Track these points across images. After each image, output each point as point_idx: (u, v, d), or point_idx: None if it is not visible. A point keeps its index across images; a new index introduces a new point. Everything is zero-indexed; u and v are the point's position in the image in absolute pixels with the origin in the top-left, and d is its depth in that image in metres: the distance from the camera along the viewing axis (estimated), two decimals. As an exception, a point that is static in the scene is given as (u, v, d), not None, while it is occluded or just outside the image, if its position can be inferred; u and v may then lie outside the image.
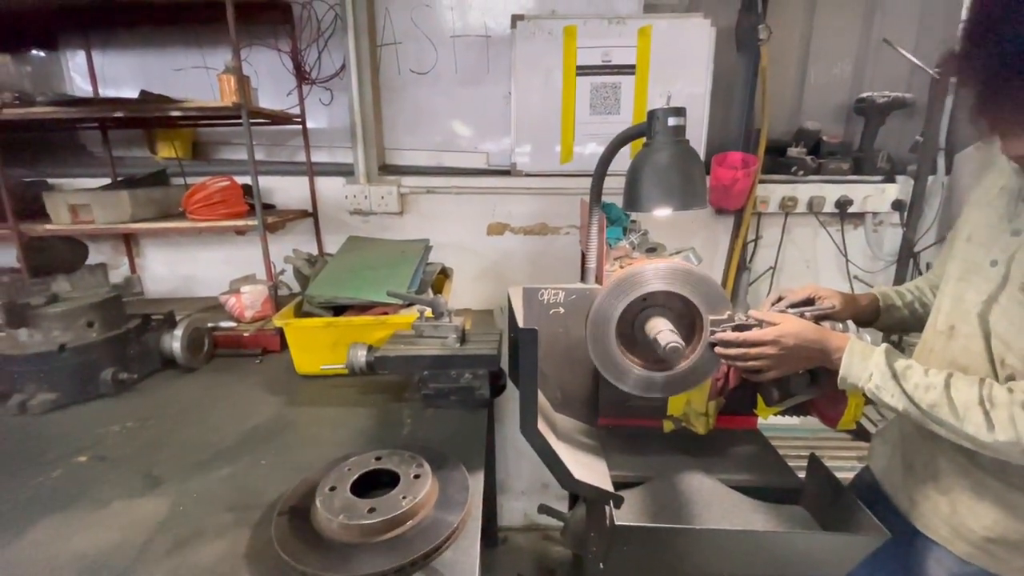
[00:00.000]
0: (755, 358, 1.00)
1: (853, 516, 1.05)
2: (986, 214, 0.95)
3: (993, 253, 0.89)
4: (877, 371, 0.88)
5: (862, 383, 0.91)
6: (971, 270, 0.93)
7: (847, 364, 0.93)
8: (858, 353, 0.92)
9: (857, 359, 0.92)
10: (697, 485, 1.22)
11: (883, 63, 2.07)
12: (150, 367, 1.55)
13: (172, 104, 1.50)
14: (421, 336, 1.33)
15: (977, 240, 0.94)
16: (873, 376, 0.89)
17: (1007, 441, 0.77)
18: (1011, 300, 0.83)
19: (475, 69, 2.07)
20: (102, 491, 1.02)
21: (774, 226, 2.13)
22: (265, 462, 1.10)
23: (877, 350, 0.90)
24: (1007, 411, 0.77)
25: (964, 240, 0.98)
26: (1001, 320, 0.85)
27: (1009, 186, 0.92)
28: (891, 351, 0.90)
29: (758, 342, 0.99)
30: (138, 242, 2.16)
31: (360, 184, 2.05)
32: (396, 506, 0.84)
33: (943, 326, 0.97)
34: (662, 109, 1.01)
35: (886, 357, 0.89)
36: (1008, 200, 0.91)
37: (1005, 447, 0.78)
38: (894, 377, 0.87)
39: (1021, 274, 0.82)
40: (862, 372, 0.90)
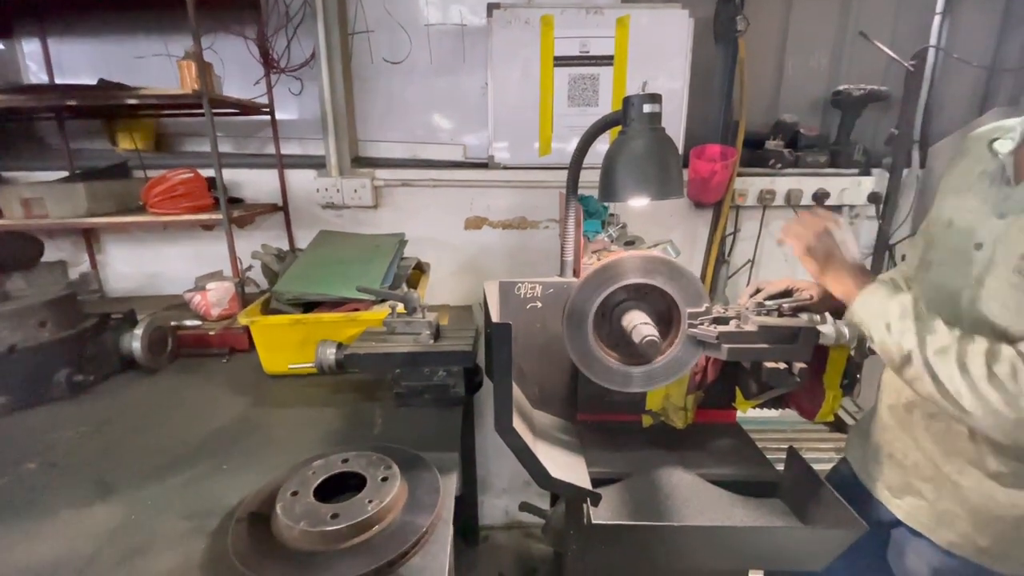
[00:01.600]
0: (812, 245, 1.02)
1: (831, 509, 1.04)
2: (966, 199, 0.94)
3: (978, 236, 0.88)
4: (899, 308, 0.87)
5: (872, 318, 0.89)
6: (955, 253, 0.92)
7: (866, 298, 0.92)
8: (884, 291, 0.91)
9: (882, 294, 0.90)
10: (676, 481, 1.21)
11: (859, 55, 2.08)
12: (108, 369, 1.47)
13: (129, 92, 1.42)
14: (393, 333, 1.29)
15: (959, 225, 0.94)
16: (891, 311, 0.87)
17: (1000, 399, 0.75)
18: (1001, 282, 0.82)
19: (451, 59, 2.02)
20: (51, 500, 0.96)
21: (752, 219, 2.13)
22: (227, 467, 1.05)
23: (906, 294, 0.90)
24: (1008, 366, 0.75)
25: (944, 227, 0.97)
26: (992, 306, 0.84)
27: (989, 170, 0.91)
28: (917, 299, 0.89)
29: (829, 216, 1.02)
30: (99, 238, 2.07)
31: (332, 177, 1.99)
32: (361, 511, 0.80)
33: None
34: (637, 96, 0.98)
35: (913, 300, 0.88)
36: (990, 184, 0.90)
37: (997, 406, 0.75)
38: (917, 318, 0.85)
39: (1011, 256, 0.81)
40: (880, 308, 0.89)
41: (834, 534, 1.01)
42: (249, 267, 1.78)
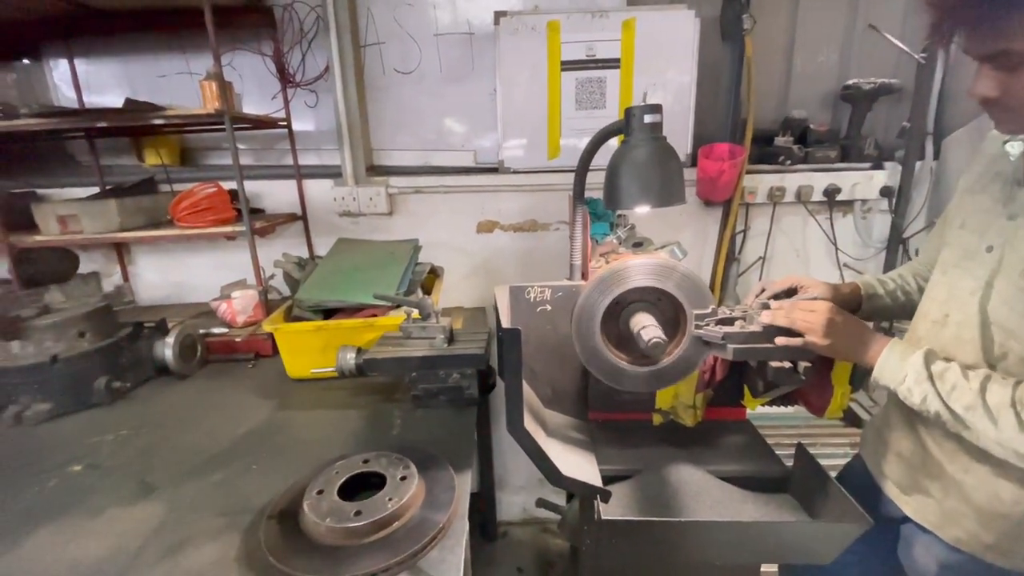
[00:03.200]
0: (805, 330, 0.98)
1: (838, 503, 1.07)
2: (979, 200, 0.95)
3: (988, 239, 0.89)
4: (912, 371, 0.87)
5: (895, 384, 0.90)
6: (966, 256, 0.93)
7: (883, 364, 0.91)
8: (897, 353, 0.90)
9: (895, 359, 0.90)
10: (686, 477, 1.24)
11: (869, 49, 2.06)
12: (143, 375, 1.56)
13: (154, 113, 1.50)
14: (409, 338, 1.34)
15: (971, 226, 0.94)
16: (907, 378, 0.87)
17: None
18: (1010, 285, 0.83)
19: (460, 67, 2.06)
20: (96, 499, 1.03)
21: (762, 216, 2.13)
22: (256, 467, 1.12)
23: (917, 352, 0.89)
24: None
25: (957, 227, 0.98)
26: (1000, 307, 0.84)
27: (1003, 171, 0.92)
28: (931, 353, 0.89)
29: (812, 307, 0.98)
30: (129, 250, 2.17)
31: (348, 186, 2.05)
32: (382, 508, 0.86)
33: (937, 315, 0.96)
34: (638, 107, 1.01)
35: (924, 358, 0.87)
36: (1002, 185, 0.90)
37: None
38: (930, 379, 0.85)
39: (1019, 260, 0.82)
40: (897, 373, 0.89)
41: (841, 528, 1.03)
42: (271, 275, 1.85)
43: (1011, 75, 0.75)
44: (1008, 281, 0.84)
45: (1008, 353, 0.85)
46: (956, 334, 0.92)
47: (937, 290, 1.00)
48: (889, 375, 0.91)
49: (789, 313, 1.02)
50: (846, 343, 0.97)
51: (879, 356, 0.93)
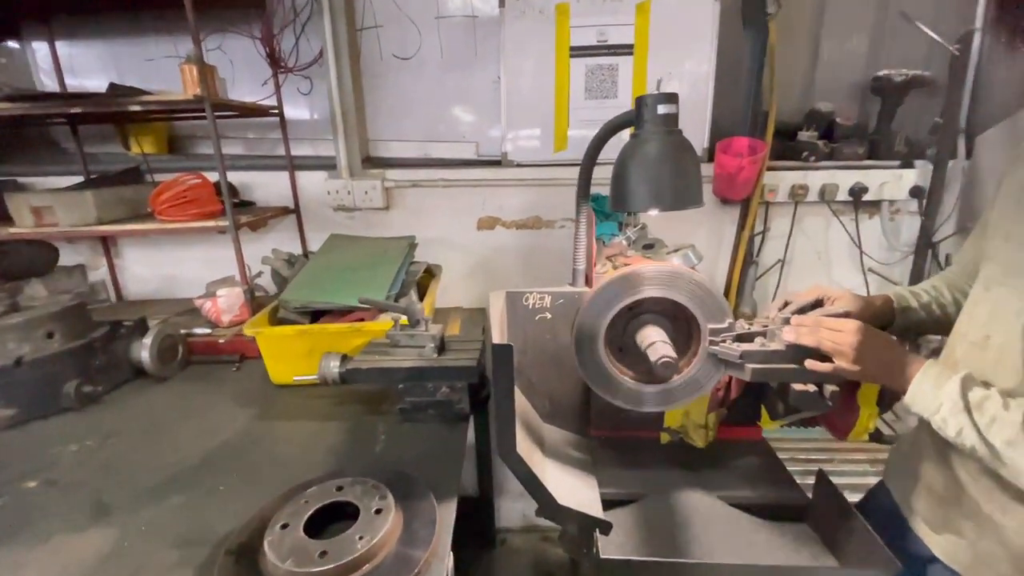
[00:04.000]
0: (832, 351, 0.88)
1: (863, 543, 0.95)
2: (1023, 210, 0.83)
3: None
4: (948, 401, 0.78)
5: (928, 414, 0.80)
6: (1011, 273, 0.82)
7: (915, 390, 0.82)
8: (931, 379, 0.81)
9: (929, 386, 0.81)
10: (695, 503, 1.13)
11: (900, 39, 1.91)
12: (119, 378, 1.47)
13: (130, 99, 1.39)
14: (396, 346, 1.24)
15: (1019, 239, 0.82)
16: (942, 407, 0.78)
17: None
18: None
19: (462, 53, 1.94)
20: (46, 523, 0.94)
21: (783, 216, 2.00)
22: (224, 488, 1.02)
23: (954, 377, 0.79)
24: None
25: (1002, 240, 0.86)
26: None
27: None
28: (968, 379, 0.79)
29: (840, 327, 0.88)
30: (116, 242, 2.08)
31: (343, 179, 1.94)
32: (351, 548, 0.75)
33: (977, 336, 0.86)
34: (651, 95, 0.89)
35: (961, 386, 0.78)
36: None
37: None
38: (967, 410, 0.76)
39: None
40: (931, 402, 0.80)
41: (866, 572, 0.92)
42: (259, 273, 1.76)
43: None
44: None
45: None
46: (998, 358, 0.81)
47: (978, 308, 0.88)
48: (922, 403, 0.82)
49: (815, 332, 0.91)
50: (877, 368, 0.87)
51: (912, 381, 0.83)
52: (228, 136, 2.05)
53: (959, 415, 0.77)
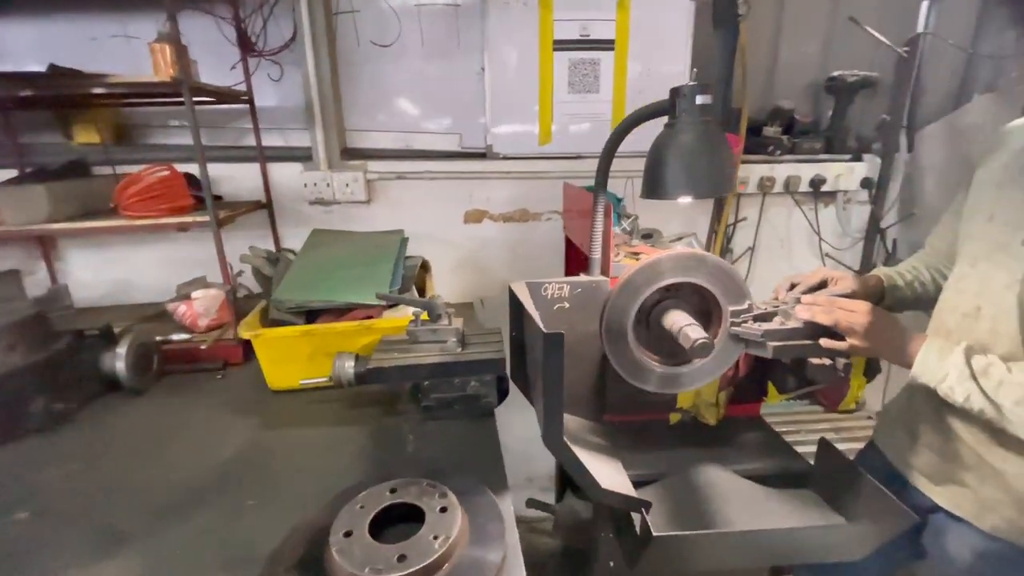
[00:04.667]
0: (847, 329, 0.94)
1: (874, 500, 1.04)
2: (1008, 194, 0.94)
3: (1023, 232, 0.88)
4: (954, 370, 0.86)
5: (935, 383, 0.88)
6: (998, 250, 0.92)
7: (922, 363, 0.89)
8: (935, 351, 0.89)
9: (934, 357, 0.88)
10: (713, 479, 1.19)
11: (849, 41, 2.09)
12: (88, 393, 1.32)
13: (97, 80, 1.24)
14: (416, 342, 1.20)
15: (1002, 219, 0.93)
16: (949, 376, 0.86)
17: None
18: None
19: (444, 42, 1.90)
20: (52, 556, 0.83)
21: (751, 207, 2.13)
22: (252, 502, 0.95)
23: (957, 349, 0.87)
24: None
25: (985, 220, 0.97)
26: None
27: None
28: (970, 348, 0.87)
29: (853, 308, 0.94)
30: (56, 244, 1.86)
31: (321, 171, 1.84)
32: (429, 550, 0.73)
33: (969, 307, 0.96)
34: (688, 86, 0.92)
35: (965, 356, 0.86)
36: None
37: None
38: (973, 377, 0.84)
39: None
40: (938, 372, 0.88)
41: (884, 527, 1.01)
42: (239, 272, 1.63)
43: None
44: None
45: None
46: (991, 327, 0.92)
47: (967, 283, 0.99)
48: (929, 374, 0.90)
49: (830, 312, 0.98)
50: (886, 345, 0.95)
51: (917, 355, 0.92)
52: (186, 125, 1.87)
53: (966, 382, 0.85)
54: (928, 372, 0.90)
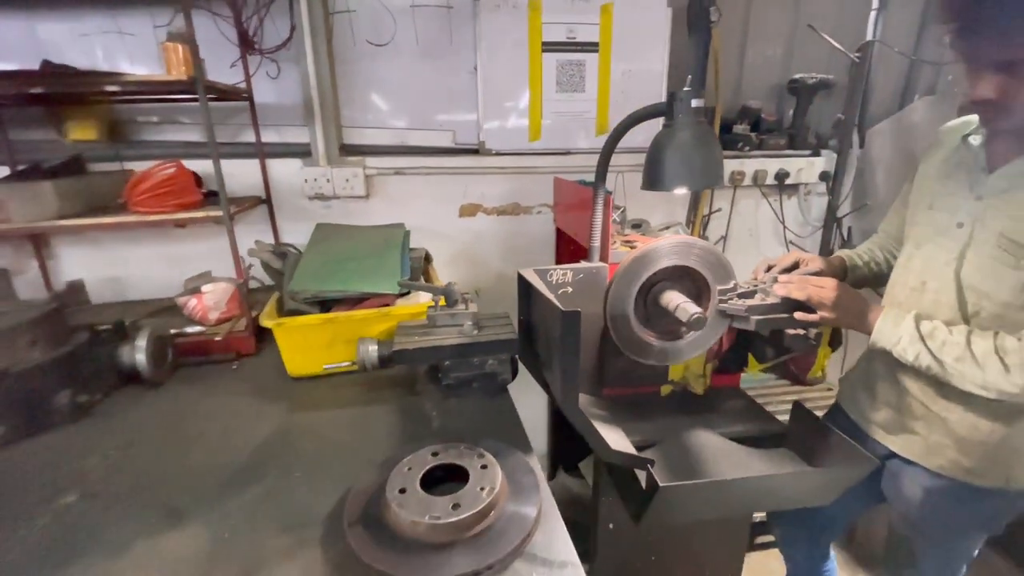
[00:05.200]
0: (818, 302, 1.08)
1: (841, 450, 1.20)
2: (945, 185, 1.11)
3: (958, 217, 1.05)
4: (906, 335, 1.01)
5: (890, 346, 1.03)
6: (938, 232, 1.09)
7: (879, 329, 1.05)
8: (891, 319, 1.04)
9: (889, 324, 1.04)
10: (702, 441, 1.33)
11: (809, 47, 2.28)
12: (108, 385, 1.35)
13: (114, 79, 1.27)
14: (435, 326, 1.29)
15: (940, 207, 1.10)
16: (902, 339, 1.02)
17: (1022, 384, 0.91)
18: (981, 255, 0.99)
19: (437, 42, 1.97)
20: (113, 533, 0.88)
21: (724, 199, 2.31)
22: (299, 473, 1.03)
23: (908, 316, 1.03)
24: (1018, 356, 0.92)
25: (927, 208, 1.14)
26: (974, 274, 1.00)
27: (964, 160, 1.08)
28: (919, 316, 1.03)
29: (823, 284, 1.09)
30: (48, 242, 1.84)
31: (321, 166, 1.89)
32: (478, 499, 0.83)
33: (915, 283, 1.13)
34: (685, 91, 1.05)
35: (915, 322, 1.02)
36: (967, 171, 1.07)
37: (1021, 388, 0.92)
38: (921, 339, 1.00)
39: (991, 232, 0.97)
40: (892, 336, 1.03)
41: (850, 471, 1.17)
42: (250, 266, 1.67)
43: (1015, 80, 0.88)
44: (980, 252, 1.00)
45: (981, 311, 1.02)
46: (934, 298, 1.09)
47: (913, 262, 1.16)
48: (886, 339, 1.06)
49: (803, 288, 1.13)
50: (850, 315, 1.10)
51: (875, 323, 1.08)
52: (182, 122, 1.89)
53: (916, 344, 1.02)
54: (885, 337, 1.06)
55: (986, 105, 0.93)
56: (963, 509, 1.14)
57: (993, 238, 0.98)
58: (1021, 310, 0.97)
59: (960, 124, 1.15)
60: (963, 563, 1.26)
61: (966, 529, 1.18)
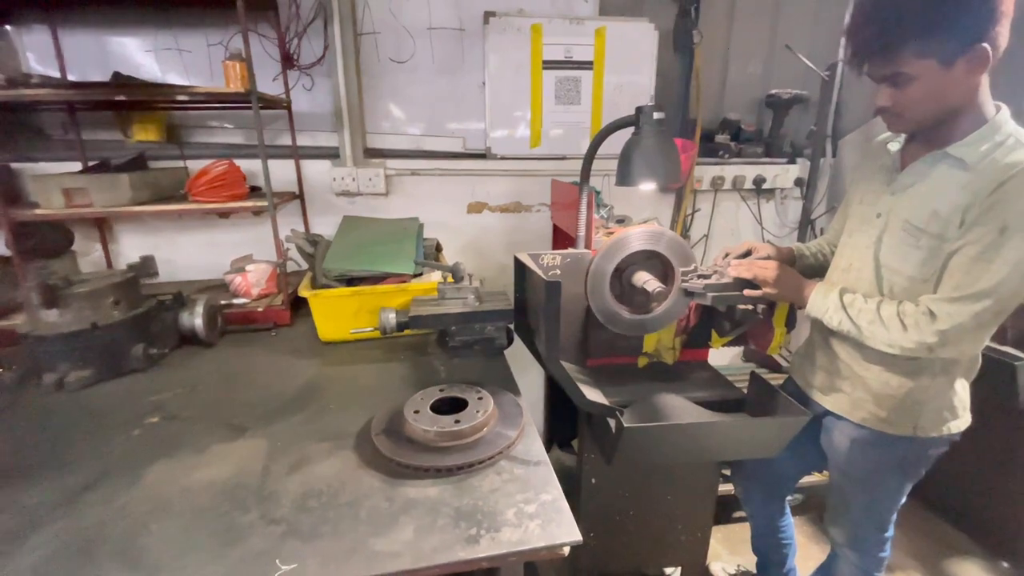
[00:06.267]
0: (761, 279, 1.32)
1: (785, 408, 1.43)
2: (870, 184, 1.35)
3: (877, 208, 1.28)
4: (832, 305, 1.24)
5: (820, 314, 1.27)
6: (863, 222, 1.32)
7: (812, 301, 1.28)
8: (821, 293, 1.28)
9: (820, 297, 1.28)
10: (670, 403, 1.55)
11: (785, 64, 2.53)
12: (171, 343, 1.62)
13: (182, 89, 1.55)
14: (444, 298, 1.55)
15: (866, 202, 1.34)
16: (829, 309, 1.25)
17: (917, 339, 1.13)
18: (893, 238, 1.21)
19: (451, 60, 2.25)
20: (192, 440, 1.15)
21: (706, 201, 2.55)
22: (333, 407, 1.28)
23: (834, 290, 1.26)
24: (913, 318, 1.14)
25: (857, 203, 1.38)
26: (888, 255, 1.23)
27: (885, 163, 1.32)
28: (844, 290, 1.26)
29: (765, 266, 1.32)
30: (111, 227, 2.13)
31: (347, 167, 2.17)
32: (474, 416, 1.09)
33: (845, 264, 1.36)
34: (648, 106, 1.31)
35: (839, 294, 1.25)
36: (885, 172, 1.30)
37: (915, 344, 1.14)
38: (843, 307, 1.23)
39: (899, 219, 1.20)
40: (821, 306, 1.27)
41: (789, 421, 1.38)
42: (287, 249, 1.95)
43: (900, 91, 1.12)
44: (892, 236, 1.23)
45: (894, 286, 1.24)
46: (858, 276, 1.31)
47: (845, 249, 1.39)
48: (817, 309, 1.29)
49: (750, 268, 1.37)
50: (788, 289, 1.34)
51: (810, 297, 1.31)
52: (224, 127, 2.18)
53: (839, 312, 1.24)
54: (816, 307, 1.29)
55: (884, 112, 1.18)
56: (881, 454, 1.36)
57: (901, 223, 1.21)
58: (923, 282, 1.19)
59: (886, 136, 1.39)
60: (890, 507, 1.47)
61: (886, 472, 1.40)
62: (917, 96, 1.10)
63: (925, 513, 2.41)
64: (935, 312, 1.13)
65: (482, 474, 0.99)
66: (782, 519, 1.82)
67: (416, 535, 0.85)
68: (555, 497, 0.92)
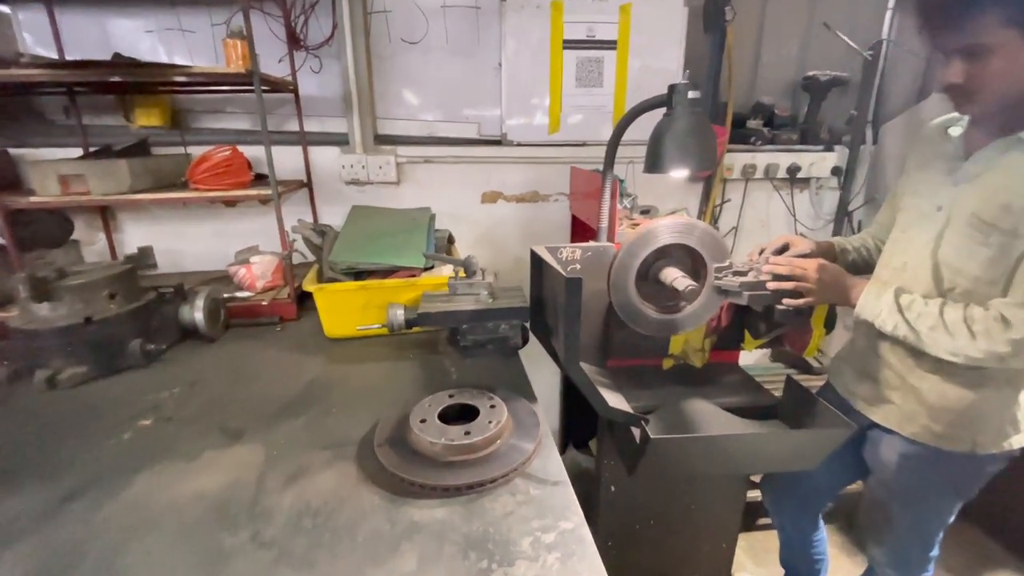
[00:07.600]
0: (800, 278, 1.18)
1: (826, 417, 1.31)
2: (927, 174, 1.20)
3: (937, 200, 1.14)
4: (886, 307, 1.12)
5: (872, 317, 1.14)
6: (920, 216, 1.19)
7: (863, 303, 1.15)
8: (873, 293, 1.15)
9: (872, 298, 1.15)
10: (698, 408, 1.45)
11: (823, 44, 2.35)
12: (170, 338, 1.55)
13: (179, 69, 1.46)
14: (455, 294, 1.45)
15: (922, 193, 1.20)
16: (882, 311, 1.12)
17: (986, 348, 1.01)
18: (957, 235, 1.08)
19: (465, 40, 2.12)
20: (184, 446, 1.07)
21: (736, 191, 2.40)
22: (336, 410, 1.19)
23: (888, 290, 1.13)
24: (983, 325, 1.01)
25: (911, 196, 1.24)
26: (950, 252, 1.10)
27: (943, 151, 1.18)
28: (899, 290, 1.13)
29: (805, 265, 1.19)
30: (115, 216, 2.07)
31: (357, 154, 2.07)
32: (486, 428, 0.98)
33: (898, 263, 1.22)
34: (683, 84, 1.18)
35: (894, 295, 1.12)
36: (945, 161, 1.16)
37: (984, 353, 1.02)
38: (899, 311, 1.10)
39: (965, 212, 1.07)
40: (874, 308, 1.14)
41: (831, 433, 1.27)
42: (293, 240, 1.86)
43: (975, 65, 0.98)
44: (955, 232, 1.09)
45: (955, 287, 1.11)
46: (913, 276, 1.18)
47: (898, 245, 1.26)
48: (869, 311, 1.16)
49: (789, 267, 1.24)
50: (833, 289, 1.21)
51: (859, 297, 1.18)
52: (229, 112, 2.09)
53: (895, 315, 1.12)
54: (867, 309, 1.16)
55: (954, 90, 1.03)
56: (934, 472, 1.23)
57: (966, 218, 1.07)
58: (989, 284, 1.06)
59: (943, 120, 1.24)
60: (938, 527, 1.35)
61: (937, 491, 1.27)
62: (995, 71, 0.96)
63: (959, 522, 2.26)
64: (1009, 319, 1.00)
65: (494, 494, 0.89)
66: (815, 533, 1.70)
67: (420, 565, 0.75)
68: (576, 525, 0.82)
